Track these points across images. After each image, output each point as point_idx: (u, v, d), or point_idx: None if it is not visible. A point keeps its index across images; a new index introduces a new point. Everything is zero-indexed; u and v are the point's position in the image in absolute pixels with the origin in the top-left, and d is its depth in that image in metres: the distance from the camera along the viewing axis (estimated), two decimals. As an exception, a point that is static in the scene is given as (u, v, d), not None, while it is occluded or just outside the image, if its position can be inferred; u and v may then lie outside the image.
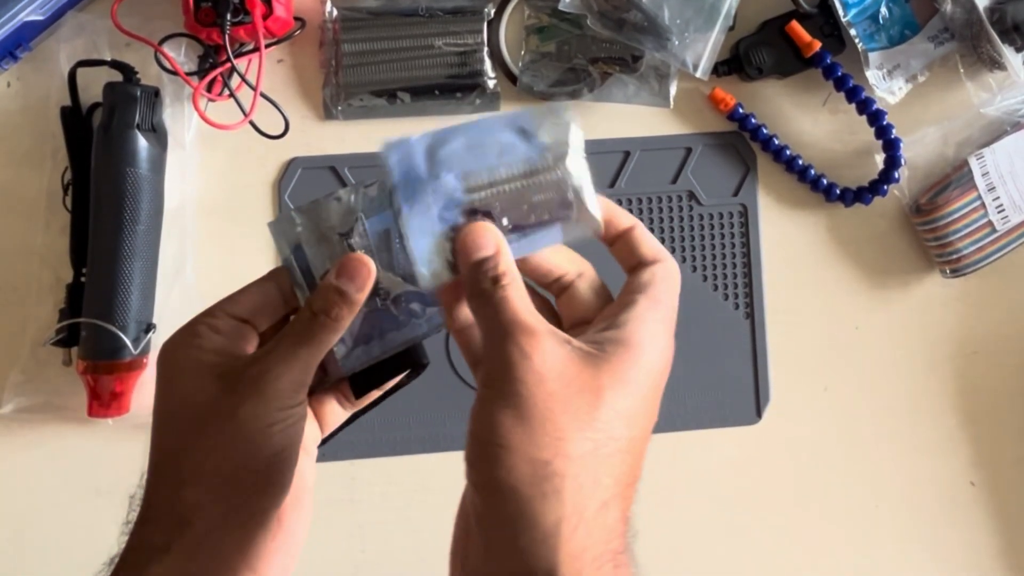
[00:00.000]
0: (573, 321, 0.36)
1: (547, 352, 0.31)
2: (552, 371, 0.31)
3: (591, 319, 0.35)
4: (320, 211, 0.37)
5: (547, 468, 0.30)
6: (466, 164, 0.34)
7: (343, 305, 0.35)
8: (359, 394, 0.40)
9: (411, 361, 0.39)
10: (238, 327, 0.36)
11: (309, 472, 0.40)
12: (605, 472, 0.31)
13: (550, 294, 0.37)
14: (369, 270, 0.36)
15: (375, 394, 0.41)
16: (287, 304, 0.37)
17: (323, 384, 0.40)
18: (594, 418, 0.31)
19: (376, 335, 0.38)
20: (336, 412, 0.41)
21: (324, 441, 0.41)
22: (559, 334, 0.32)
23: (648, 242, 0.36)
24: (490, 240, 0.33)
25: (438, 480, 0.65)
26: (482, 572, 0.32)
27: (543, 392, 0.31)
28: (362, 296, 0.36)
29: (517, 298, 0.33)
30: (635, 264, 0.35)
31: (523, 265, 0.35)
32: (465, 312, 0.36)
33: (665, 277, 0.35)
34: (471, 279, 0.33)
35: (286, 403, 0.34)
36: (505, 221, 0.34)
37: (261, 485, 0.34)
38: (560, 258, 0.36)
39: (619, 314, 0.33)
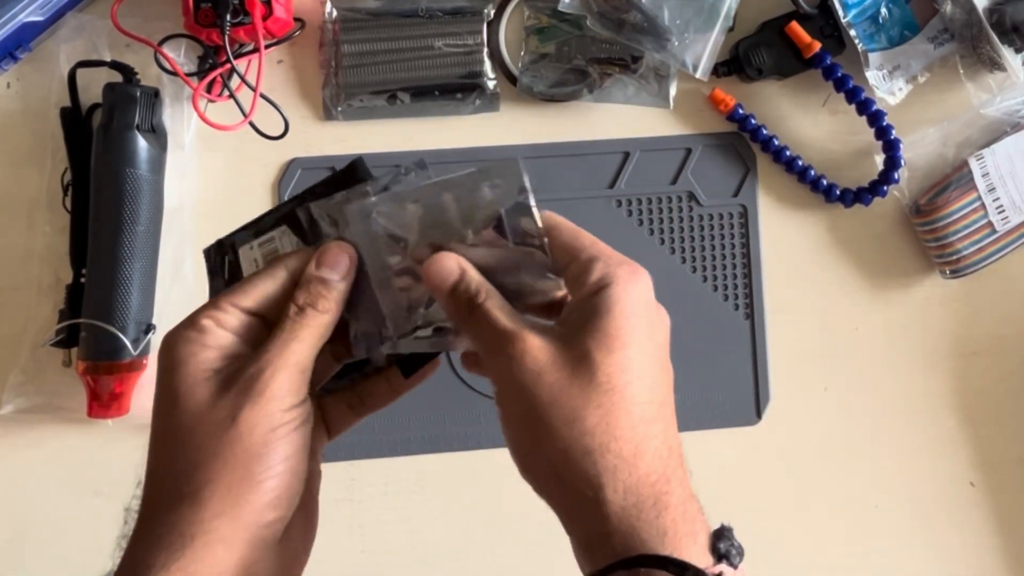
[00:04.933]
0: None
1: (535, 348, 0.33)
2: (545, 363, 0.33)
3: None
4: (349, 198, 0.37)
5: (572, 452, 0.32)
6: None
7: (328, 295, 0.35)
8: (408, 372, 0.39)
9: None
10: (246, 322, 0.35)
11: (315, 477, 0.38)
12: (627, 425, 0.32)
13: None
14: (350, 257, 0.35)
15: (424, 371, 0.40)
16: None
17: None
18: (596, 383, 0.32)
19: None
20: (345, 415, 0.40)
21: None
22: (539, 324, 0.34)
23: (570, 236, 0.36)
24: (453, 265, 0.35)
25: (438, 480, 0.65)
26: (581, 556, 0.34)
27: (544, 385, 0.32)
28: (346, 284, 0.35)
29: (495, 308, 0.34)
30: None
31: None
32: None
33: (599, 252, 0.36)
34: (450, 307, 0.35)
35: (287, 404, 0.33)
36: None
37: (267, 498, 0.32)
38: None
39: (581, 277, 0.34)
